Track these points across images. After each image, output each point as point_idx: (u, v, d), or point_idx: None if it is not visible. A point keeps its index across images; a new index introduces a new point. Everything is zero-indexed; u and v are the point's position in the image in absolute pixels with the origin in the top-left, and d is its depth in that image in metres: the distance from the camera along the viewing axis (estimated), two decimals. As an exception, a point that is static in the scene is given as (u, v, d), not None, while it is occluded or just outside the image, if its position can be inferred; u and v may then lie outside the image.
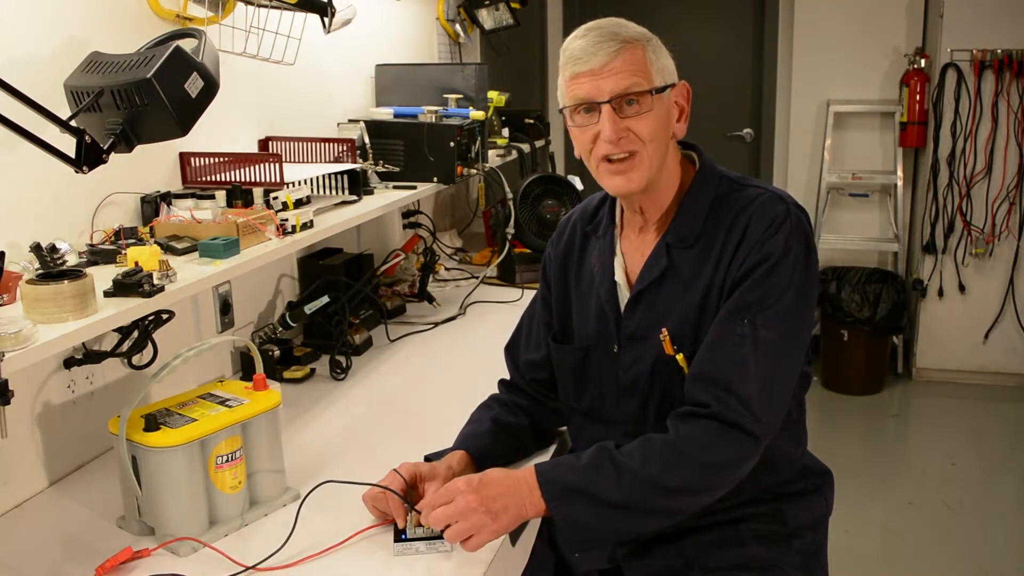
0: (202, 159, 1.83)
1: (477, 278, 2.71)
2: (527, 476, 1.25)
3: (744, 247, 1.29)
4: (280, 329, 2.00)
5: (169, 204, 1.70)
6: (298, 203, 1.76)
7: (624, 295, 1.41)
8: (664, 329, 1.34)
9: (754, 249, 1.28)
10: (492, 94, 2.85)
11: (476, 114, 2.51)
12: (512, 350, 1.63)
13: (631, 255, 1.42)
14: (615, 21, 1.33)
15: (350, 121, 2.44)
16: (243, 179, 1.79)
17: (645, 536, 1.40)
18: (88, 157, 1.26)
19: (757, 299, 1.27)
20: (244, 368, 1.99)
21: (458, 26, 3.39)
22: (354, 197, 2.03)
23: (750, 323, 1.26)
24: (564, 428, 1.61)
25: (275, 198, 1.72)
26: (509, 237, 2.68)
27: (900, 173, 4.41)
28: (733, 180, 1.39)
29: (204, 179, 1.83)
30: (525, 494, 1.24)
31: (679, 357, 1.33)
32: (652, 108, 1.30)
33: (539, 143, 3.26)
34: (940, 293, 4.35)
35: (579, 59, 1.30)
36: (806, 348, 1.35)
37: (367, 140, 2.31)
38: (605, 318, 1.42)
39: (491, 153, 2.84)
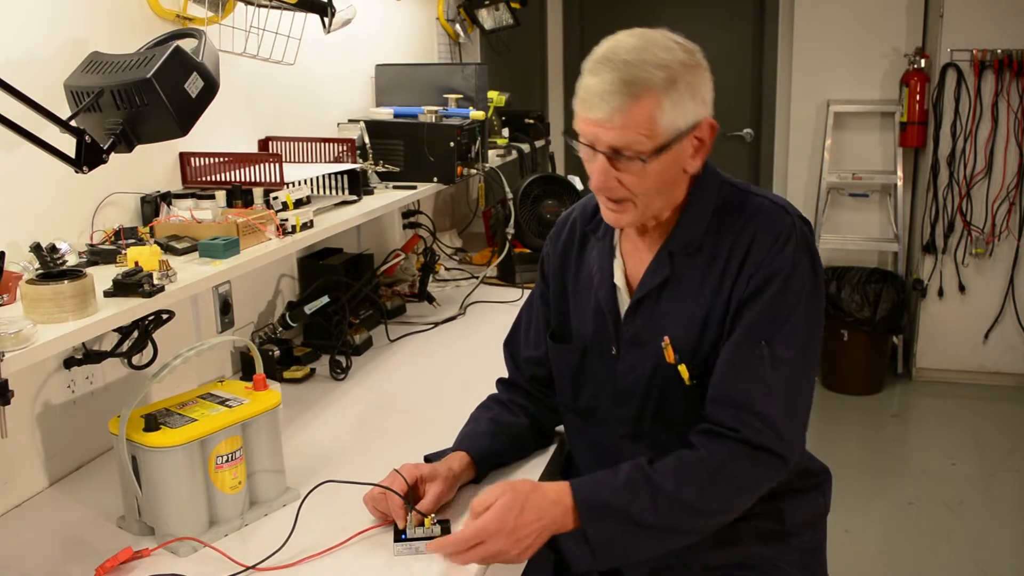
0: (202, 159, 1.83)
1: (477, 278, 2.71)
2: (562, 498, 1.24)
3: (751, 262, 1.29)
4: (280, 329, 2.00)
5: (169, 204, 1.70)
6: (298, 203, 1.76)
7: (623, 299, 1.41)
8: (666, 337, 1.33)
9: (762, 265, 1.28)
10: (492, 94, 2.85)
11: (476, 114, 2.51)
12: (511, 346, 1.62)
13: (631, 257, 1.42)
14: (637, 58, 1.21)
15: (350, 121, 2.44)
16: (243, 179, 1.79)
17: None
18: (88, 157, 1.26)
19: (770, 319, 1.27)
20: (244, 368, 1.99)
21: (458, 26, 3.39)
22: (354, 197, 2.03)
23: (767, 344, 1.26)
24: (561, 427, 1.61)
25: (275, 198, 1.72)
26: (509, 237, 2.68)
27: (900, 173, 4.41)
28: (735, 187, 1.37)
29: (204, 179, 1.83)
30: (557, 520, 1.23)
31: (681, 368, 1.32)
32: (650, 164, 1.24)
33: (539, 143, 3.26)
34: (940, 293, 4.35)
35: (584, 101, 1.24)
36: (818, 359, 1.35)
37: (367, 140, 2.31)
38: (603, 319, 1.42)
39: (491, 153, 2.84)
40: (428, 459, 1.46)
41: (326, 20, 1.97)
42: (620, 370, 1.40)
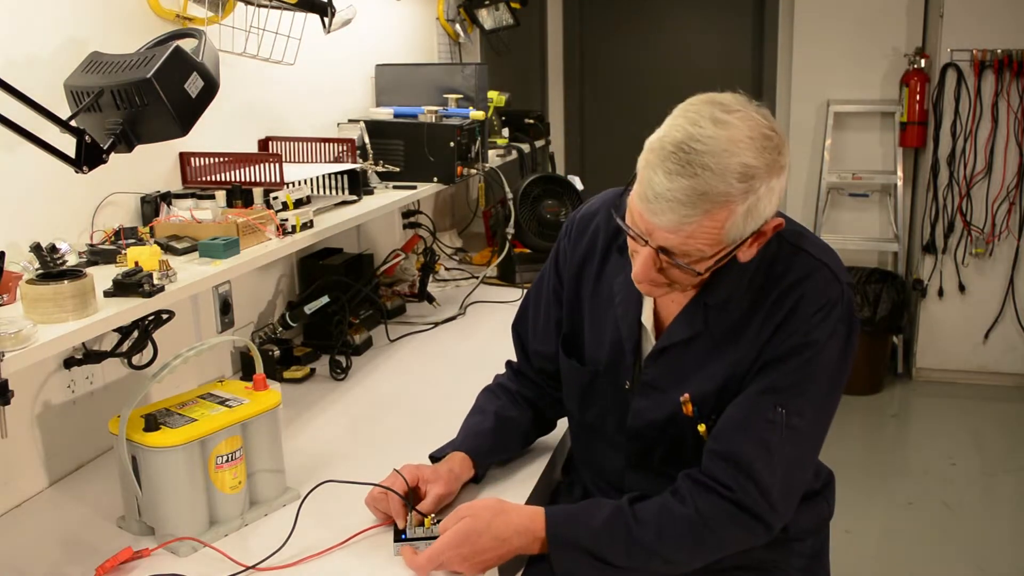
0: (202, 159, 1.83)
1: (477, 278, 2.71)
2: (532, 528, 1.23)
3: (788, 326, 1.22)
4: (280, 329, 2.00)
5: (169, 204, 1.70)
6: (298, 203, 1.76)
7: (647, 337, 1.35)
8: (687, 394, 1.28)
9: (799, 331, 1.22)
10: (492, 94, 2.85)
11: (476, 114, 2.50)
12: (520, 330, 1.56)
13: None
14: (719, 165, 1.07)
15: (350, 121, 2.44)
16: (243, 179, 1.79)
17: None
18: (88, 157, 1.26)
19: (793, 384, 1.23)
20: (244, 368, 1.99)
21: (458, 26, 3.39)
22: (354, 197, 2.03)
23: (782, 408, 1.22)
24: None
25: (275, 198, 1.72)
26: (509, 237, 2.68)
27: (900, 173, 4.41)
28: (786, 239, 1.26)
29: (204, 179, 1.83)
30: (522, 547, 1.23)
31: (700, 427, 1.28)
32: (703, 268, 1.17)
33: (539, 143, 3.27)
34: (940, 293, 4.35)
35: (648, 200, 1.11)
36: (827, 429, 1.31)
37: (367, 140, 2.31)
38: (621, 353, 1.36)
39: (491, 153, 2.84)
40: (433, 458, 1.45)
41: (326, 20, 1.97)
42: (633, 410, 1.35)
